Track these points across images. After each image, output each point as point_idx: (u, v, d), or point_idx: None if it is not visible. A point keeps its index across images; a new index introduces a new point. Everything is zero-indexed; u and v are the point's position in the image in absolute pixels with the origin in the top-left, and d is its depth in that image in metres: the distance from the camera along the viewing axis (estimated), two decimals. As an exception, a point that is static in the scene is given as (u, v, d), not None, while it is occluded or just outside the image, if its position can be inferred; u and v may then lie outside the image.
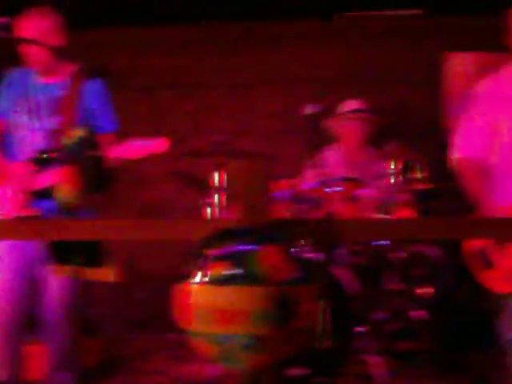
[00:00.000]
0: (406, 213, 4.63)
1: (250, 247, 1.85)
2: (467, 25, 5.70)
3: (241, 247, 1.86)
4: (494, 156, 3.27)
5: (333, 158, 4.99)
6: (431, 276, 4.69)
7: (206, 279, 1.84)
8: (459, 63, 5.74)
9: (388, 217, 4.42)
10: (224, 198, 4.29)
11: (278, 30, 5.90)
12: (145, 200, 5.92)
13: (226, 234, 1.90)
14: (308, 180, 4.69)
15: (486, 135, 3.26)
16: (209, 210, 4.30)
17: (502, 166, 3.24)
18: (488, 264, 3.16)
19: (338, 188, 4.26)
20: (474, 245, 3.20)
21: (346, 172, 4.85)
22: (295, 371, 3.91)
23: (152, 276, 5.60)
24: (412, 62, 5.83)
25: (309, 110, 3.08)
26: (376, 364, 4.14)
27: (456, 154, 3.33)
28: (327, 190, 4.35)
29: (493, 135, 3.25)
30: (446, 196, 4.68)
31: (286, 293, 1.82)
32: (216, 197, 4.28)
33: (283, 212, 4.26)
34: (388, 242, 4.46)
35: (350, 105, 5.06)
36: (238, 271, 1.81)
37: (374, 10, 5.75)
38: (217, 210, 4.27)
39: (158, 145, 3.18)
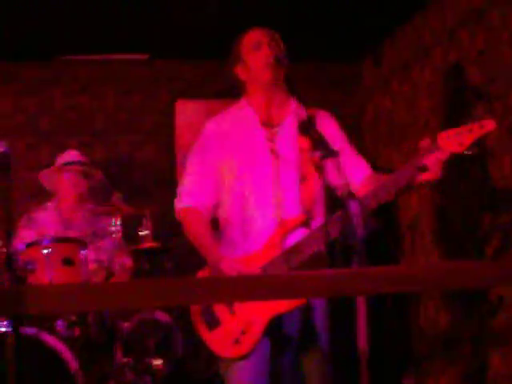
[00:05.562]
0: (123, 276, 4.21)
1: None
2: (198, 71, 5.60)
3: None
4: (223, 203, 3.02)
5: (45, 218, 4.41)
6: (163, 344, 4.29)
7: None
8: (189, 111, 5.53)
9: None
10: None
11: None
12: None
13: None
14: (21, 241, 4.15)
15: (208, 182, 3.00)
16: None
17: (231, 213, 2.99)
18: (214, 323, 2.87)
19: (48, 250, 3.70)
20: None
21: (62, 231, 4.34)
22: None
23: None
24: (142, 109, 5.57)
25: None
26: None
27: (178, 204, 3.03)
28: (45, 251, 3.78)
29: (217, 181, 3.00)
30: (176, 254, 4.36)
31: None
32: None
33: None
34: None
35: (65, 156, 4.53)
36: None
37: (94, 53, 5.33)
38: None
39: None
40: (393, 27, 5.04)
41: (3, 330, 3.54)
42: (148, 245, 4.23)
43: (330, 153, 2.51)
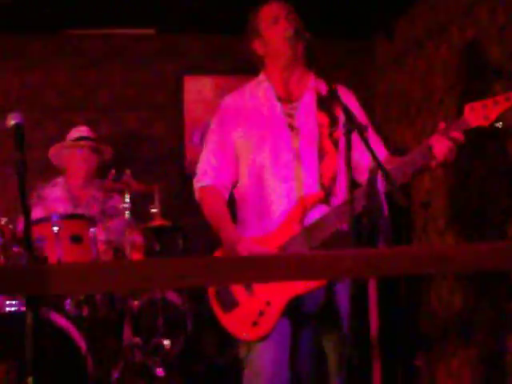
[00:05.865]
0: (136, 255, 4.10)
1: None
2: (206, 46, 5.43)
3: None
4: (240, 180, 2.94)
5: (54, 195, 4.30)
6: (172, 325, 4.19)
7: None
8: (198, 87, 5.37)
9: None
10: None
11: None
12: None
13: None
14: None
15: (227, 160, 2.92)
16: None
17: (248, 190, 2.90)
18: (232, 304, 2.77)
19: (58, 227, 3.59)
20: None
21: (70, 209, 4.25)
22: None
23: None
24: (150, 85, 5.42)
25: (12, 119, 2.41)
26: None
27: (196, 184, 2.95)
28: (54, 228, 3.68)
29: (235, 158, 2.92)
30: (187, 232, 4.27)
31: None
32: None
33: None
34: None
35: (76, 132, 4.42)
36: None
37: (99, 27, 5.18)
38: None
39: None
40: (407, 1, 4.91)
41: (13, 309, 3.49)
42: (158, 223, 4.12)
43: (357, 126, 2.39)
